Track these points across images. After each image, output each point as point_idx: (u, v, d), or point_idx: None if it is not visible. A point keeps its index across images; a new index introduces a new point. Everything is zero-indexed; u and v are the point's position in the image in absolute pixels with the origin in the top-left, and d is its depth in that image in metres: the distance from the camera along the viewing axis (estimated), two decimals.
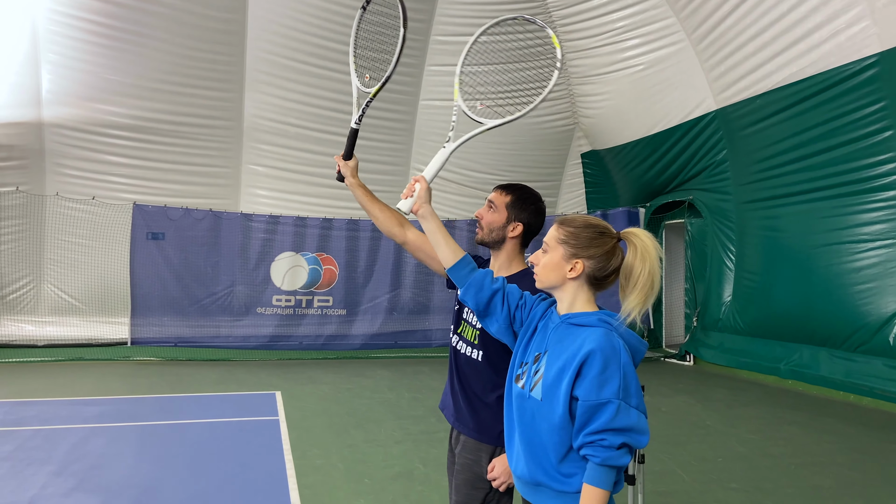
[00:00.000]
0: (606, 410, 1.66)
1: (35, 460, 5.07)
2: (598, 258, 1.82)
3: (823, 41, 7.88)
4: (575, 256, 1.83)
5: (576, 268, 1.83)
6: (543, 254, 1.89)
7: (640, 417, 1.69)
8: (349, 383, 8.73)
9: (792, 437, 6.35)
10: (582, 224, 1.86)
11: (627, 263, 1.79)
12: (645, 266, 1.76)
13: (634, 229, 1.83)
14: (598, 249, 1.82)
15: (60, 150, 10.53)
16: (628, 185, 12.37)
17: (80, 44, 9.97)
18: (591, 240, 1.83)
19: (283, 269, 11.60)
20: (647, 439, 1.70)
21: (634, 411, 1.68)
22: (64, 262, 10.74)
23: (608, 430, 1.66)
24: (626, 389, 1.67)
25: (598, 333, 1.73)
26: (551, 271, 1.85)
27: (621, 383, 1.66)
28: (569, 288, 1.86)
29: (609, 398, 1.66)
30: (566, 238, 1.85)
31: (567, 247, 1.84)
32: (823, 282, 8.35)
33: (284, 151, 11.69)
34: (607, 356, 1.68)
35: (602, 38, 11.11)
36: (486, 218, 2.48)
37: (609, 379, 1.67)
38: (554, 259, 1.85)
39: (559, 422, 1.74)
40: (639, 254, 1.77)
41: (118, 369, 9.36)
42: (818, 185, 8.43)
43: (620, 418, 1.65)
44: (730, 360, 9.91)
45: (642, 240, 1.79)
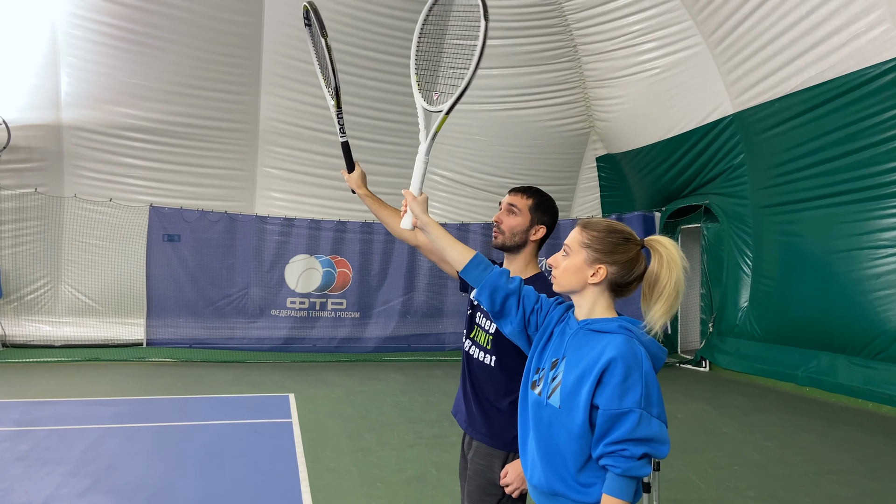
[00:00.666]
0: (628, 420, 1.62)
1: (50, 460, 5.10)
2: (622, 265, 1.79)
3: (843, 44, 7.79)
4: (598, 262, 1.79)
5: (598, 273, 1.79)
6: (564, 256, 1.85)
7: (662, 427, 1.66)
8: (362, 386, 8.73)
9: (809, 445, 6.27)
10: (607, 228, 1.82)
11: (652, 272, 1.76)
12: (671, 276, 1.73)
13: (659, 237, 1.80)
14: (623, 256, 1.79)
15: (79, 152, 10.64)
16: (644, 189, 12.29)
17: (98, 47, 10.08)
18: (615, 245, 1.79)
19: (298, 272, 11.63)
20: (667, 449, 1.67)
21: (656, 421, 1.64)
22: (81, 263, 10.85)
23: (629, 440, 1.63)
24: (647, 398, 1.64)
25: (620, 340, 1.69)
26: (572, 275, 1.82)
27: (643, 392, 1.63)
28: (589, 293, 1.82)
29: (631, 407, 1.62)
30: (590, 242, 1.81)
31: (590, 251, 1.80)
32: (842, 288, 8.24)
33: (299, 154, 11.74)
34: (629, 364, 1.64)
35: (618, 42, 11.06)
36: (508, 222, 2.46)
37: (631, 388, 1.63)
38: (576, 263, 1.81)
39: (578, 430, 1.70)
40: (665, 263, 1.74)
41: (133, 370, 9.43)
42: (837, 189, 8.32)
43: (642, 428, 1.62)
44: (746, 367, 9.81)
45: (668, 249, 1.76)
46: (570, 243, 1.85)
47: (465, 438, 2.59)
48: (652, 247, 1.79)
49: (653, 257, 1.77)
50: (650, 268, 1.77)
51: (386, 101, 11.79)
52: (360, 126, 11.80)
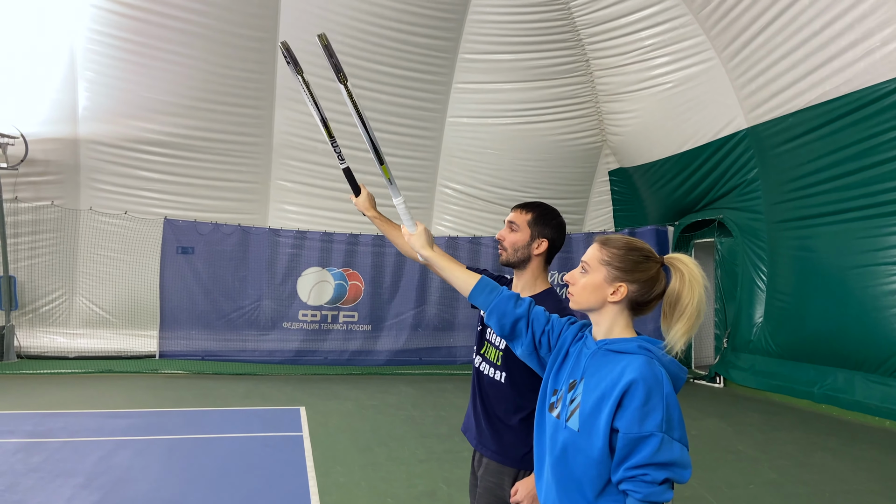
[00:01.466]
0: (649, 444, 1.59)
1: (62, 472, 5.12)
2: (643, 283, 1.76)
3: (857, 59, 7.75)
4: (618, 279, 1.76)
5: (619, 291, 1.76)
6: (582, 274, 1.81)
7: (683, 451, 1.61)
8: (373, 399, 8.71)
9: (826, 463, 6.17)
10: (626, 245, 1.80)
11: (673, 290, 1.73)
12: (693, 295, 1.70)
13: (679, 255, 1.77)
14: (643, 274, 1.76)
15: (95, 165, 10.76)
16: (657, 204, 12.24)
17: (116, 62, 10.22)
18: (636, 263, 1.76)
19: (310, 284, 11.66)
20: (689, 474, 1.62)
21: (678, 444, 1.60)
22: (96, 275, 10.94)
23: (651, 464, 1.59)
24: (669, 421, 1.60)
25: (640, 361, 1.66)
26: (591, 293, 1.78)
27: (664, 415, 1.60)
28: (608, 312, 1.79)
29: (652, 431, 1.59)
30: (610, 259, 1.77)
31: (611, 269, 1.77)
32: (858, 304, 8.15)
33: (313, 167, 11.81)
34: (650, 386, 1.61)
35: (631, 56, 11.07)
36: (509, 239, 2.46)
37: (652, 410, 1.60)
38: (595, 280, 1.78)
39: (598, 455, 1.66)
40: (687, 282, 1.71)
41: (146, 382, 9.46)
42: (852, 205, 8.25)
43: (663, 452, 1.58)
44: (761, 383, 9.70)
45: (689, 267, 1.73)
46: (589, 260, 1.81)
47: (476, 455, 2.57)
48: (673, 265, 1.76)
49: (673, 276, 1.74)
50: (671, 286, 1.74)
51: (399, 114, 11.86)
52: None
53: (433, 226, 12.70)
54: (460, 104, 12.13)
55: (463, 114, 12.19)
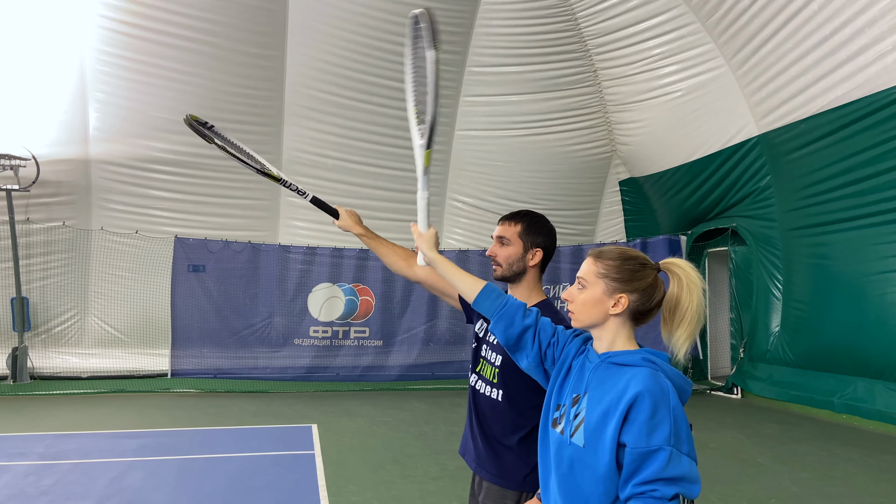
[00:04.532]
0: (657, 459, 1.54)
1: (73, 495, 5.08)
2: (642, 292, 1.72)
3: (869, 64, 7.66)
4: (618, 291, 1.72)
5: (620, 303, 1.72)
6: (580, 290, 1.77)
7: (692, 465, 1.57)
8: (385, 416, 8.63)
9: (849, 475, 6.03)
10: (621, 256, 1.76)
11: (672, 296, 1.70)
12: (692, 298, 1.67)
13: (675, 259, 1.74)
14: (642, 282, 1.72)
15: (106, 185, 10.82)
16: (668, 213, 12.14)
17: (125, 82, 10.29)
18: (633, 272, 1.73)
19: (321, 300, 11.64)
20: (699, 489, 1.57)
21: (686, 459, 1.56)
22: (108, 294, 10.97)
23: (659, 479, 1.54)
24: (677, 435, 1.55)
25: (645, 374, 1.61)
26: (592, 308, 1.74)
27: (672, 429, 1.55)
28: (611, 325, 1.75)
29: (660, 445, 1.54)
30: (607, 272, 1.74)
31: (608, 281, 1.73)
32: (876, 311, 8.00)
33: (322, 183, 11.81)
34: (657, 399, 1.56)
35: (639, 66, 11.02)
36: (502, 254, 2.34)
37: (660, 424, 1.55)
38: (595, 295, 1.74)
39: (605, 471, 1.62)
40: (685, 286, 1.69)
41: (158, 401, 9.44)
42: (868, 210, 8.12)
43: (672, 467, 1.53)
44: (780, 394, 9.53)
45: (686, 271, 1.70)
46: (585, 275, 1.77)
47: (475, 479, 2.46)
48: (669, 270, 1.73)
49: (671, 281, 1.71)
50: (669, 292, 1.71)
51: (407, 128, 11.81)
52: (382, 154, 11.87)
53: (444, 239, 12.65)
54: (469, 117, 12.11)
55: (471, 126, 12.18)
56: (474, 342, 2.51)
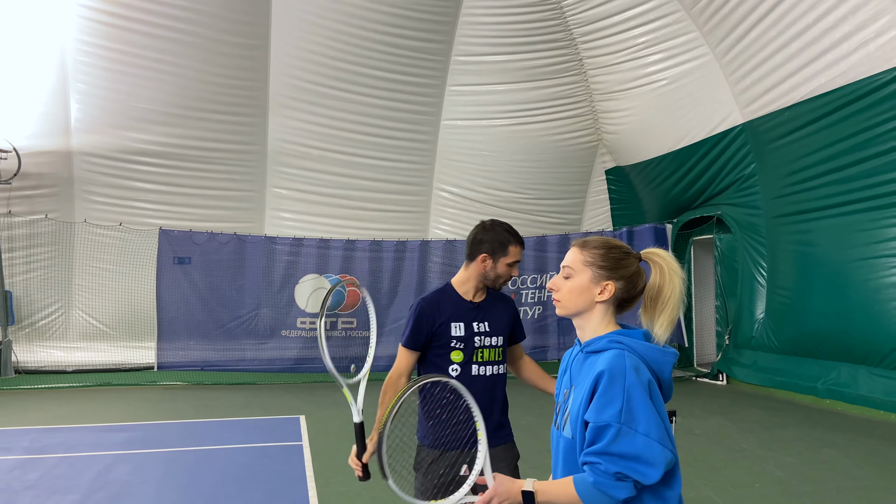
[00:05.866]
0: (606, 434, 1.57)
1: (59, 489, 5.05)
2: (627, 279, 1.75)
3: (852, 51, 7.71)
4: (604, 278, 1.75)
5: (606, 290, 1.74)
6: (566, 279, 1.78)
7: (650, 445, 1.54)
8: (374, 406, 8.59)
9: (832, 460, 6.11)
10: (606, 244, 1.79)
11: (654, 284, 1.73)
12: (674, 286, 1.71)
13: (656, 249, 1.78)
14: (627, 270, 1.75)
15: (89, 177, 10.71)
16: (654, 201, 12.19)
17: (107, 73, 10.17)
18: (619, 260, 1.76)
19: (307, 292, 11.60)
20: (656, 473, 1.55)
21: (641, 437, 1.55)
22: (92, 287, 10.88)
23: (605, 453, 1.56)
24: (629, 413, 1.56)
25: (609, 355, 1.65)
26: (579, 296, 1.76)
27: (623, 406, 1.56)
28: (596, 312, 1.77)
29: (608, 421, 1.56)
30: (593, 260, 1.76)
31: (595, 269, 1.75)
32: (860, 297, 8.09)
33: (308, 174, 11.76)
34: (612, 376, 1.59)
35: (624, 54, 11.03)
36: None
37: (611, 401, 1.57)
38: (582, 283, 1.76)
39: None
40: (666, 274, 1.72)
41: (145, 394, 9.39)
42: (851, 197, 8.20)
43: (620, 444, 1.55)
44: (764, 380, 9.63)
45: (667, 260, 1.74)
46: (571, 264, 1.78)
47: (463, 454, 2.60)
48: (651, 259, 1.77)
49: (653, 270, 1.75)
50: (651, 280, 1.74)
51: (394, 118, 11.82)
52: (369, 145, 11.83)
53: (430, 230, 12.63)
54: (454, 107, 12.08)
55: (457, 116, 12.15)
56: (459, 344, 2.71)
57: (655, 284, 1.72)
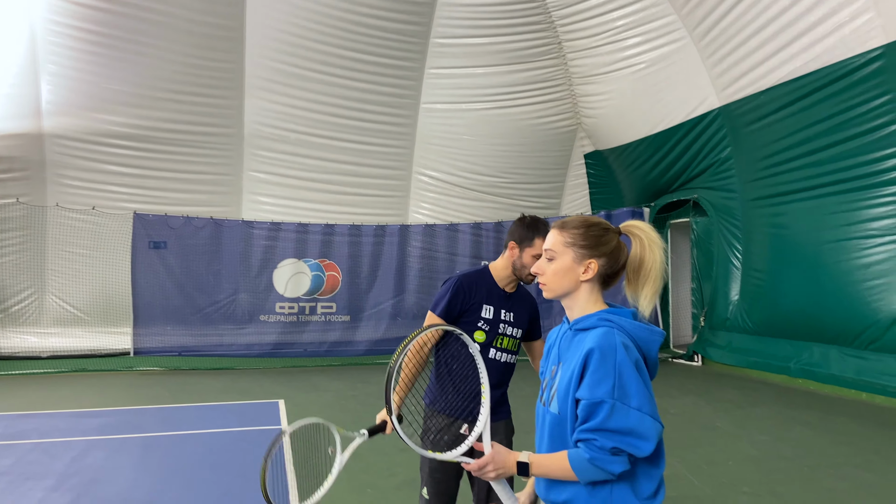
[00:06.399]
0: (600, 411, 1.59)
1: (33, 475, 4.99)
2: (609, 255, 1.76)
3: (827, 35, 7.78)
4: (586, 257, 1.76)
5: (590, 268, 1.76)
6: (549, 262, 1.79)
7: (643, 420, 1.58)
8: (353, 390, 8.64)
9: (804, 438, 6.23)
10: (584, 223, 1.80)
11: (636, 256, 1.74)
12: (655, 256, 1.72)
13: (635, 221, 1.79)
14: (607, 246, 1.77)
15: (61, 160, 10.50)
16: (632, 185, 12.26)
17: (79, 54, 9.96)
18: (598, 238, 1.77)
19: (286, 276, 11.53)
20: (649, 446, 1.59)
21: (634, 413, 1.58)
22: (66, 272, 10.71)
23: (600, 430, 1.59)
24: (622, 389, 1.59)
25: (599, 333, 1.66)
26: (563, 276, 1.77)
27: (615, 382, 1.59)
28: (582, 291, 1.78)
29: (602, 398, 1.59)
30: (573, 240, 1.77)
31: (576, 248, 1.77)
32: (832, 278, 8.23)
33: (286, 158, 11.65)
34: (603, 354, 1.61)
35: (602, 38, 11.03)
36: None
37: (603, 378, 1.60)
38: (565, 264, 1.77)
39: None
40: (647, 245, 1.73)
41: (121, 380, 9.30)
42: (825, 180, 8.31)
43: (615, 419, 1.58)
44: (739, 360, 9.79)
45: (646, 231, 1.75)
46: (553, 246, 1.80)
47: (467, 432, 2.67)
48: (630, 232, 1.78)
49: (633, 242, 1.76)
50: (633, 252, 1.76)
51: (373, 101, 11.73)
52: (348, 128, 11.74)
53: (410, 214, 12.61)
54: (434, 90, 12.02)
55: (437, 99, 12.09)
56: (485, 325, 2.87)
57: (637, 256, 1.74)
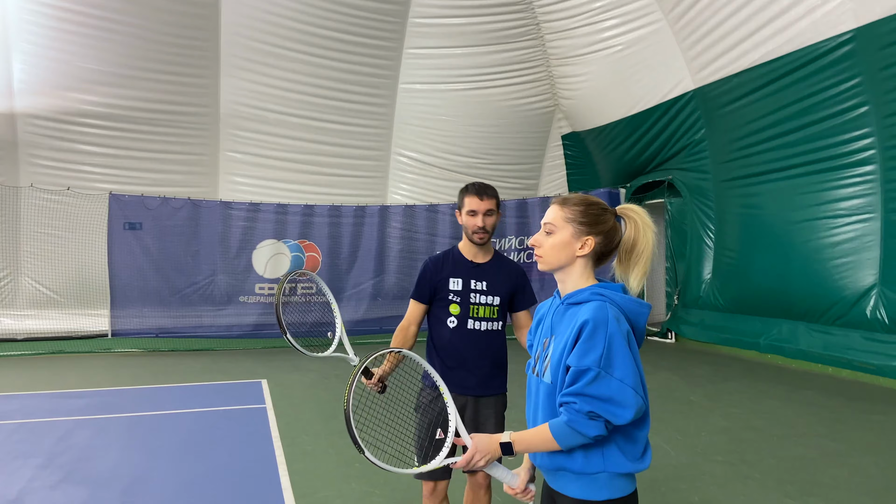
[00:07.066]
0: (585, 377, 1.67)
1: (20, 453, 5.01)
2: (605, 234, 1.84)
3: (799, 18, 7.94)
4: (584, 234, 1.84)
5: (586, 244, 1.84)
6: (548, 235, 1.87)
7: (623, 389, 1.67)
8: (336, 369, 8.72)
9: (773, 409, 6.48)
10: (585, 201, 1.87)
11: (629, 238, 1.83)
12: (647, 240, 1.81)
13: (630, 205, 1.88)
14: (605, 225, 1.84)
15: (34, 140, 10.34)
16: (609, 166, 12.42)
17: (51, 32, 9.78)
18: (597, 216, 1.85)
19: (265, 257, 11.52)
20: (627, 414, 1.67)
21: (616, 382, 1.67)
22: (41, 254, 10.58)
23: (580, 394, 1.67)
24: (608, 359, 1.67)
25: (593, 306, 1.75)
26: (560, 251, 1.85)
27: (604, 353, 1.67)
28: (577, 266, 1.86)
29: (588, 366, 1.67)
30: (574, 216, 1.85)
31: (575, 224, 1.84)
32: (801, 257, 8.48)
33: (263, 138, 11.58)
34: (596, 325, 1.70)
35: (580, 19, 11.10)
36: (489, 223, 2.97)
37: (593, 347, 1.68)
38: (563, 238, 1.85)
39: None
40: (640, 228, 1.82)
41: (100, 361, 9.27)
42: (795, 161, 8.53)
43: (596, 386, 1.66)
44: (711, 337, 10.06)
45: (640, 215, 1.84)
46: (553, 220, 1.87)
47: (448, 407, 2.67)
48: (626, 215, 1.86)
49: (627, 225, 1.84)
50: (627, 234, 1.84)
51: (351, 81, 11.69)
52: (326, 108, 11.70)
53: (389, 195, 12.64)
54: (412, 70, 12.01)
55: (415, 80, 12.08)
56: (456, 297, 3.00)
57: (630, 238, 1.82)
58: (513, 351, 3.10)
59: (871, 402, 6.75)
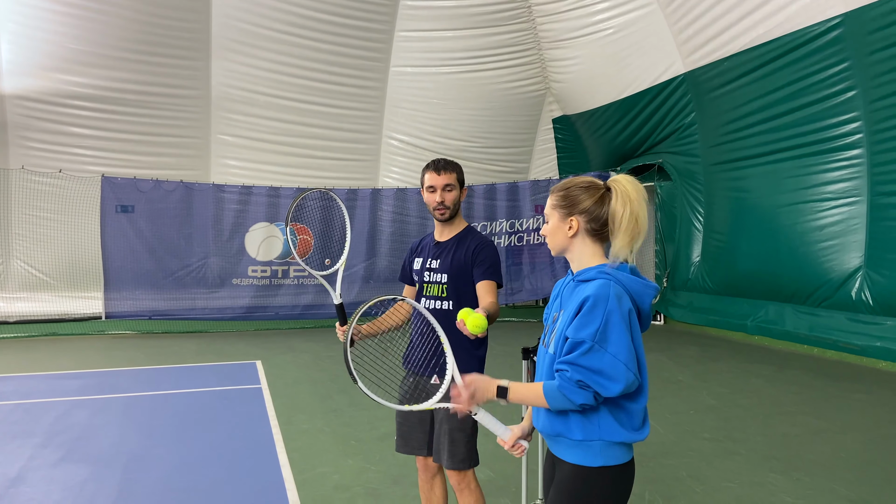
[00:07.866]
0: (579, 348, 1.76)
1: (19, 433, 5.07)
2: (588, 211, 1.90)
3: (789, 3, 8.00)
4: (568, 215, 1.92)
5: (573, 225, 1.92)
6: (545, 224, 2.00)
7: (615, 364, 1.74)
8: (329, 350, 8.81)
9: (760, 389, 6.62)
10: (566, 185, 1.97)
11: (612, 209, 1.88)
12: (626, 208, 1.85)
13: (616, 176, 1.93)
14: (582, 204, 1.91)
15: (24, 122, 10.28)
16: (599, 150, 12.49)
17: (41, 13, 9.70)
18: (574, 198, 1.92)
19: (258, 240, 11.54)
20: (616, 387, 1.74)
21: (608, 356, 1.74)
22: (32, 237, 10.56)
23: (573, 363, 1.76)
24: (604, 333, 1.75)
25: (597, 284, 1.83)
26: (554, 236, 1.96)
27: (600, 327, 1.75)
28: (575, 246, 1.95)
29: (584, 338, 1.75)
30: (557, 202, 1.95)
31: (559, 209, 1.94)
32: (788, 240, 8.62)
33: (255, 121, 11.56)
34: (596, 301, 1.78)
35: (572, 2, 11.11)
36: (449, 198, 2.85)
37: (591, 321, 1.76)
38: (553, 224, 1.96)
39: None
40: (619, 197, 1.86)
41: (94, 343, 9.31)
42: (784, 145, 8.63)
43: (588, 358, 1.75)
44: (699, 319, 10.21)
45: (622, 184, 1.89)
46: (546, 209, 2.00)
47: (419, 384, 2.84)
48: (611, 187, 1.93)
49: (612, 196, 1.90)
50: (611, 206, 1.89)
51: (342, 64, 11.67)
52: (318, 91, 11.68)
53: (380, 178, 12.66)
54: (404, 53, 11.99)
55: (406, 63, 12.07)
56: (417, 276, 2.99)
57: (612, 209, 1.89)
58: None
59: (855, 381, 6.91)
